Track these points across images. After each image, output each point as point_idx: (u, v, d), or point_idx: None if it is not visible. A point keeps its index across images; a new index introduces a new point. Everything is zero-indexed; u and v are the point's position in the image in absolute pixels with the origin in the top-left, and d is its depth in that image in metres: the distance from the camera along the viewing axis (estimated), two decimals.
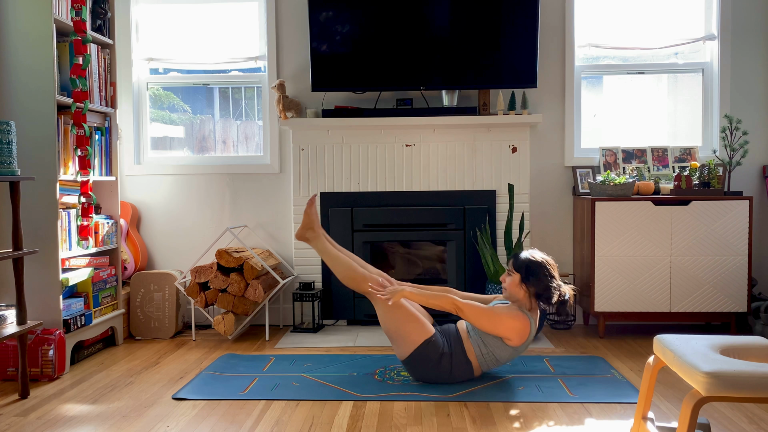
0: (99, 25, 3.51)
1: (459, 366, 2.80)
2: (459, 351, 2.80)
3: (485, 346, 2.79)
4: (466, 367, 2.81)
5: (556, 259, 4.07)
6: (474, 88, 3.86)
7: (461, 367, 2.80)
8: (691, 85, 4.09)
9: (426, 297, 2.76)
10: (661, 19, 4.04)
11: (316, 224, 3.07)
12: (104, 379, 3.00)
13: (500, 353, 2.79)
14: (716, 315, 3.60)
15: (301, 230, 3.08)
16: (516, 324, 2.73)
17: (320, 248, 3.03)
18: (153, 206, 4.14)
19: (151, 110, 4.21)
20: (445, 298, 2.75)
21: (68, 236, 3.20)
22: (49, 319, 3.07)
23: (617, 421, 2.43)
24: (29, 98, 3.04)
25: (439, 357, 2.77)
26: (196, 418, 2.50)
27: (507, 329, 2.72)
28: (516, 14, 3.78)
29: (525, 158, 3.90)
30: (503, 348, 2.78)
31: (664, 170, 3.92)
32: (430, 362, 2.78)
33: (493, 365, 2.83)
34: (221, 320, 3.58)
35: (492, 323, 2.72)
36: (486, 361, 2.80)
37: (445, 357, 2.78)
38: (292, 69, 4.06)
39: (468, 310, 2.72)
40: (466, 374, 2.82)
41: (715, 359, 1.75)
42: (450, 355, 2.78)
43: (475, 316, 2.73)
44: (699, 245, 3.56)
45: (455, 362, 2.79)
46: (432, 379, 2.83)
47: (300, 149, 3.95)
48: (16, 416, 2.53)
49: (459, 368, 2.80)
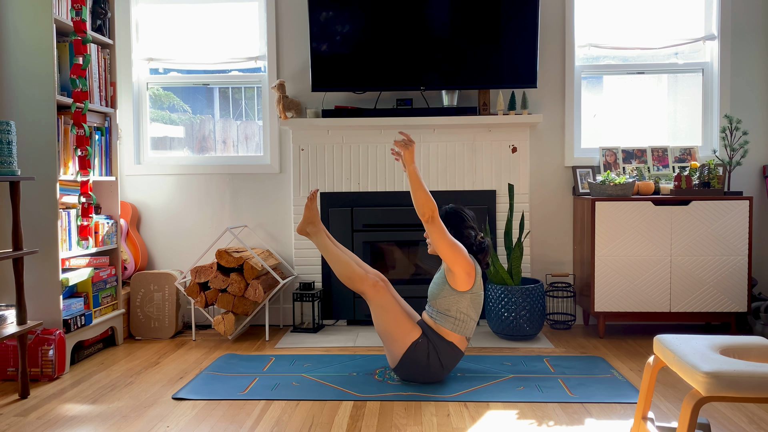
0: (99, 25, 3.51)
1: (446, 354, 2.80)
2: (438, 339, 2.80)
3: (451, 315, 2.80)
4: (451, 351, 2.81)
5: (556, 259, 4.07)
6: (474, 88, 3.86)
7: (448, 354, 2.81)
8: (691, 85, 4.09)
9: (422, 185, 2.70)
10: (661, 19, 4.04)
11: (316, 219, 3.07)
12: (104, 379, 3.00)
13: (464, 308, 2.80)
14: (716, 315, 3.60)
15: (302, 224, 3.09)
16: (465, 258, 2.75)
17: (320, 244, 3.03)
18: (153, 206, 4.14)
19: (151, 110, 4.21)
20: (431, 202, 2.70)
21: (68, 236, 3.20)
22: (49, 319, 3.07)
23: (617, 421, 2.43)
24: (29, 98, 3.04)
25: (426, 357, 2.78)
26: (196, 418, 2.50)
27: (459, 261, 2.73)
28: (516, 14, 3.78)
29: (525, 158, 3.90)
30: (461, 300, 2.80)
31: (664, 170, 3.92)
32: (420, 364, 2.79)
33: (470, 326, 2.84)
34: (221, 320, 3.58)
35: (452, 249, 2.73)
36: (462, 326, 2.81)
37: (431, 355, 2.78)
38: (292, 69, 4.06)
39: (439, 224, 2.71)
40: (455, 357, 2.83)
41: (715, 359, 1.75)
42: (435, 350, 2.79)
43: (441, 232, 2.71)
44: (699, 245, 3.56)
45: (441, 353, 2.79)
46: (428, 379, 2.84)
47: (300, 149, 3.95)
48: (16, 416, 2.53)
49: (446, 356, 2.80)
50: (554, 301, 3.97)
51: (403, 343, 2.79)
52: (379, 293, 2.84)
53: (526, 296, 3.52)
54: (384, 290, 2.85)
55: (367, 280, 2.88)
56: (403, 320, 2.81)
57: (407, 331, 2.80)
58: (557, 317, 3.96)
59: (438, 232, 2.72)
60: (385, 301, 2.83)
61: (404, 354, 2.78)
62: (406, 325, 2.81)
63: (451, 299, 2.81)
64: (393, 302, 2.84)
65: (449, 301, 2.82)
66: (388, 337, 2.83)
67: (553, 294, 3.94)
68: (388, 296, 2.84)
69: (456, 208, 2.96)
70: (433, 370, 2.80)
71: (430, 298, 2.90)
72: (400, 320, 2.81)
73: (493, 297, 3.59)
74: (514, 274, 3.60)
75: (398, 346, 2.80)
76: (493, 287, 3.60)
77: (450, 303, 2.81)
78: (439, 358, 2.79)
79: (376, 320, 2.86)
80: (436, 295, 2.86)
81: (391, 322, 2.81)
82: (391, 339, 2.82)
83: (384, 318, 2.82)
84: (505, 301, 3.53)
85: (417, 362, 2.79)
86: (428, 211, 2.69)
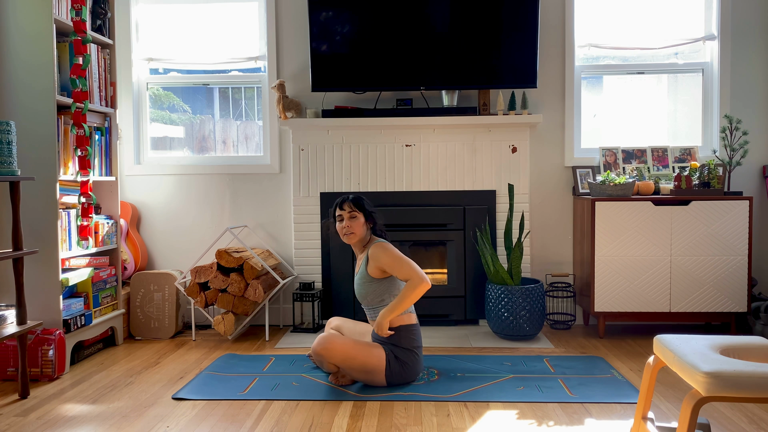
0: (99, 25, 3.51)
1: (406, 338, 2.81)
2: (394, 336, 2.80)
3: (385, 301, 2.85)
4: (408, 333, 2.83)
5: (556, 259, 4.07)
6: (474, 88, 3.86)
7: (408, 336, 2.82)
8: (691, 85, 4.09)
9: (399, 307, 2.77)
10: (661, 19, 4.04)
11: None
12: (104, 379, 3.00)
13: (394, 289, 2.86)
14: (716, 315, 3.60)
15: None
16: (395, 249, 2.85)
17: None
18: (153, 206, 4.14)
19: (151, 110, 4.21)
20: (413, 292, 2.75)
21: (68, 236, 3.20)
22: (49, 319, 3.07)
23: (617, 421, 2.43)
24: (29, 98, 3.04)
25: (398, 361, 2.79)
26: (196, 418, 2.50)
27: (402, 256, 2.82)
28: (516, 14, 3.78)
29: (525, 158, 3.90)
30: (388, 285, 2.86)
31: (664, 170, 3.92)
32: (400, 371, 2.79)
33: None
34: (221, 320, 3.58)
35: (404, 262, 2.80)
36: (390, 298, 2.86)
37: (400, 354, 2.79)
38: (292, 69, 4.06)
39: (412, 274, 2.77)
40: (414, 334, 2.85)
41: (715, 359, 1.75)
42: (398, 347, 2.80)
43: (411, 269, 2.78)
44: (699, 245, 3.56)
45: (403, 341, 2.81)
46: (415, 373, 2.84)
47: (300, 149, 3.95)
48: (16, 416, 2.53)
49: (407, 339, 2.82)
50: (554, 301, 3.97)
51: (380, 369, 2.77)
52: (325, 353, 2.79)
53: (526, 296, 3.52)
54: (329, 345, 2.78)
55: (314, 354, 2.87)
56: (365, 349, 2.78)
57: (376, 356, 2.77)
58: (557, 317, 3.96)
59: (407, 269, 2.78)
60: (339, 352, 2.77)
61: (385, 375, 2.78)
62: (371, 351, 2.78)
63: (380, 289, 2.85)
64: (346, 345, 2.78)
65: (379, 291, 2.85)
66: (365, 372, 2.79)
67: (553, 294, 3.94)
68: (337, 346, 2.77)
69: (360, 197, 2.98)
70: (412, 363, 2.82)
71: (362, 300, 2.93)
72: (364, 352, 2.77)
73: (493, 297, 3.59)
74: (514, 274, 3.60)
75: (377, 373, 2.78)
76: (493, 287, 3.60)
77: (380, 292, 2.85)
78: (404, 347, 2.80)
79: (348, 369, 2.80)
80: (365, 295, 2.89)
81: (358, 357, 2.77)
82: (368, 373, 2.78)
83: (354, 363, 2.77)
84: (505, 301, 3.53)
85: (399, 373, 2.79)
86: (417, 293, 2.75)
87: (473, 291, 3.87)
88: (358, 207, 2.91)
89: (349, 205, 2.91)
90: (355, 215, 2.90)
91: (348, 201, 2.92)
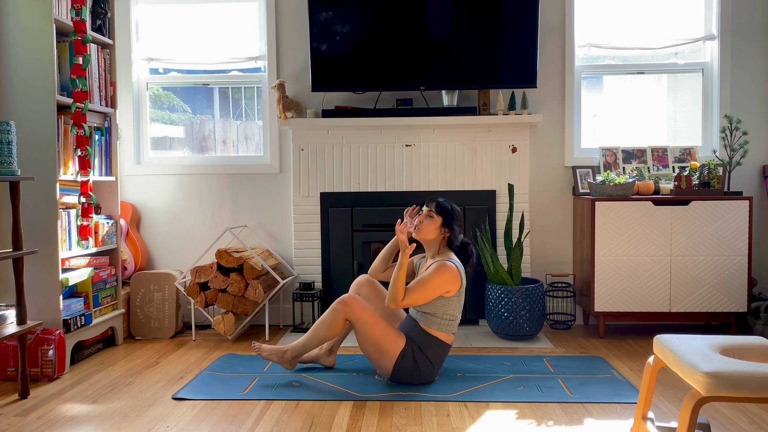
0: (99, 25, 3.51)
1: (433, 351, 2.80)
2: (424, 338, 2.80)
3: (437, 317, 2.81)
4: (438, 348, 2.82)
5: (556, 259, 4.07)
6: (474, 88, 3.86)
7: (435, 351, 2.81)
8: (691, 85, 4.09)
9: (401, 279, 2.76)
10: (661, 19, 4.04)
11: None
12: (104, 379, 3.00)
13: (450, 310, 2.83)
14: (716, 315, 3.60)
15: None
16: (445, 276, 2.76)
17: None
18: (153, 206, 4.14)
19: (151, 110, 4.21)
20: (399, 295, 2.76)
21: (68, 236, 3.20)
22: (49, 319, 3.07)
23: (617, 421, 2.43)
24: (29, 98, 3.04)
25: (414, 361, 2.78)
26: (196, 418, 2.50)
27: (442, 287, 2.77)
28: (516, 14, 3.78)
29: (525, 158, 3.90)
30: (447, 304, 2.81)
31: (664, 170, 3.92)
32: (411, 370, 2.79)
33: (455, 324, 2.85)
34: (221, 320, 3.58)
35: (429, 293, 2.77)
36: (447, 325, 2.82)
37: (419, 358, 2.78)
38: (292, 69, 4.06)
39: (410, 294, 2.76)
40: (443, 353, 2.84)
41: (715, 359, 1.75)
42: (421, 351, 2.79)
43: (418, 296, 2.76)
44: (699, 245, 3.56)
45: (430, 352, 2.80)
46: (422, 380, 2.83)
47: (300, 149, 3.95)
48: (16, 416, 2.53)
49: (434, 353, 2.81)
50: (554, 301, 3.97)
51: (392, 355, 2.77)
52: (348, 306, 2.81)
53: (526, 296, 3.52)
54: (357, 302, 2.81)
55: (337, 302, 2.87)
56: (387, 330, 2.80)
57: (393, 341, 2.78)
58: (557, 317, 3.96)
59: (415, 298, 2.76)
60: (363, 314, 2.79)
61: (394, 365, 2.78)
62: (392, 334, 2.80)
63: (437, 304, 2.81)
64: (372, 313, 2.80)
65: (435, 305, 2.82)
66: (376, 350, 2.79)
67: (553, 294, 3.94)
68: (363, 308, 2.80)
69: (459, 212, 2.96)
70: (425, 370, 2.80)
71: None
72: (385, 330, 2.79)
73: (493, 297, 3.59)
74: (514, 274, 3.60)
75: (387, 358, 2.78)
76: (493, 287, 3.60)
77: (436, 307, 2.82)
78: (428, 356, 2.79)
79: (361, 337, 2.82)
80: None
81: (378, 336, 2.78)
82: (378, 352, 2.79)
83: (370, 333, 2.78)
84: (505, 301, 3.53)
85: (407, 369, 2.79)
86: (400, 297, 2.75)
87: (473, 291, 3.87)
88: (438, 210, 2.90)
89: (432, 205, 2.91)
90: (432, 216, 2.89)
91: (435, 201, 2.93)
